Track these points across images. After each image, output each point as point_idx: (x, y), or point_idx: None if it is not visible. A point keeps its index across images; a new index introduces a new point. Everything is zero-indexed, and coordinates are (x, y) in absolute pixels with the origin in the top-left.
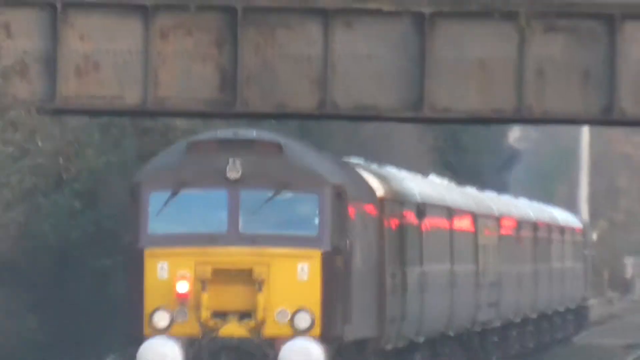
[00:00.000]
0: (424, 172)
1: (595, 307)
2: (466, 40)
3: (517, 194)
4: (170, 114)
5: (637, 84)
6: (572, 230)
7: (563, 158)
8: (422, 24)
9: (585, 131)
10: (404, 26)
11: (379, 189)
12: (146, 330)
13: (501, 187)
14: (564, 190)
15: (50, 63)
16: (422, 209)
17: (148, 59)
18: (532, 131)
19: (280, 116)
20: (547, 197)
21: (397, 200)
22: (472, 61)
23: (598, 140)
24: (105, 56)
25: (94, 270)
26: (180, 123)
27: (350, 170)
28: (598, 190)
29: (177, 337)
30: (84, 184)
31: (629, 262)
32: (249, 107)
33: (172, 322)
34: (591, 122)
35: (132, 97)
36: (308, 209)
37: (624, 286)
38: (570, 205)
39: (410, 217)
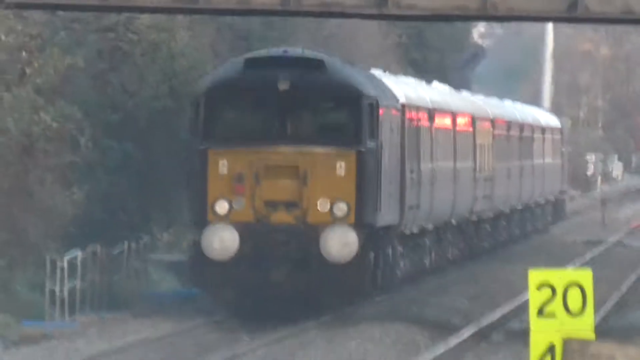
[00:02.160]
0: (389, 69)
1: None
2: None
3: (480, 90)
4: (134, 9)
5: None
6: (552, 129)
7: (526, 55)
8: None
9: (549, 28)
10: None
11: (401, 97)
12: (210, 216)
13: (465, 84)
14: (527, 87)
15: None
16: (432, 114)
17: None
18: (497, 28)
19: (243, 12)
20: (511, 93)
21: (414, 106)
22: None
23: (561, 37)
24: None
25: (57, 165)
26: (144, 19)
27: (378, 81)
28: (560, 87)
29: (235, 223)
30: (47, 79)
31: (590, 159)
32: (212, 3)
33: (230, 210)
34: (556, 19)
35: None
36: (346, 116)
37: (585, 183)
38: (533, 102)
39: (424, 120)
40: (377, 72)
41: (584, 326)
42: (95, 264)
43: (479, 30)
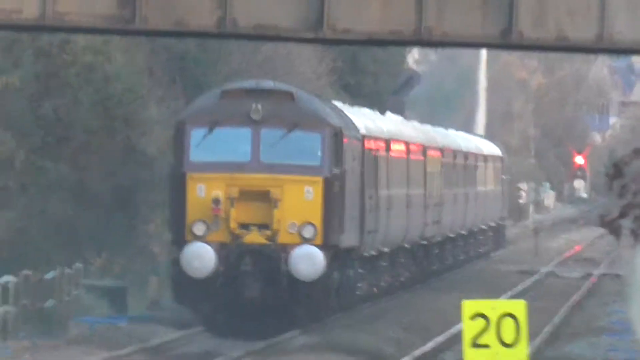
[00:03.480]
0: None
1: None
2: None
3: (413, 116)
4: (69, 30)
5: (536, 7)
6: (493, 157)
7: (460, 82)
8: None
9: (483, 55)
10: None
11: (361, 127)
12: (187, 236)
13: (398, 109)
14: (461, 113)
15: None
16: (388, 143)
17: None
18: (431, 54)
19: (179, 34)
20: (444, 119)
21: (372, 136)
22: None
23: (495, 64)
24: None
25: None
26: (79, 40)
27: (340, 112)
28: (493, 114)
29: (211, 243)
30: None
31: (523, 188)
32: (148, 24)
33: (207, 231)
34: (489, 45)
35: (30, 11)
36: (313, 145)
37: (518, 211)
38: (466, 128)
39: (381, 149)
40: (338, 104)
41: (518, 357)
42: (27, 289)
43: (413, 56)
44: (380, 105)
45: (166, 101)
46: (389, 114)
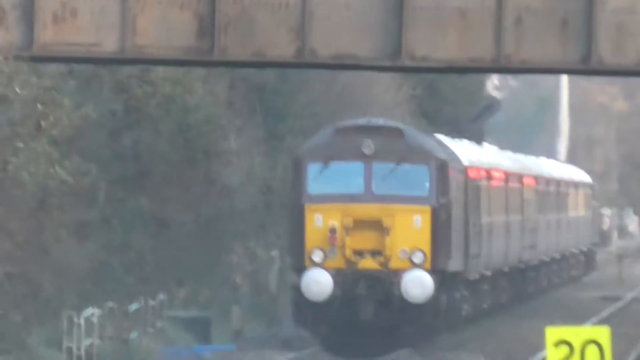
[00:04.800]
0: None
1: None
2: None
3: (494, 143)
4: (148, 62)
5: (615, 32)
6: (584, 184)
7: (541, 108)
8: None
9: (564, 81)
10: None
11: (464, 159)
12: (307, 263)
13: (479, 136)
14: (541, 139)
15: (28, 10)
16: (489, 173)
17: (125, 6)
18: (511, 80)
19: (258, 64)
20: (525, 145)
21: (474, 166)
22: (451, 9)
23: (576, 90)
24: (83, 3)
25: (73, 221)
26: (158, 71)
27: (445, 145)
28: (575, 139)
29: (328, 269)
30: (63, 131)
31: (606, 214)
32: (227, 55)
33: (325, 257)
34: (569, 71)
35: (109, 44)
36: (421, 176)
37: (601, 237)
38: (547, 154)
39: (483, 179)
40: (441, 137)
41: None
42: (112, 321)
43: (493, 82)
44: (459, 132)
45: (246, 131)
46: (485, 144)
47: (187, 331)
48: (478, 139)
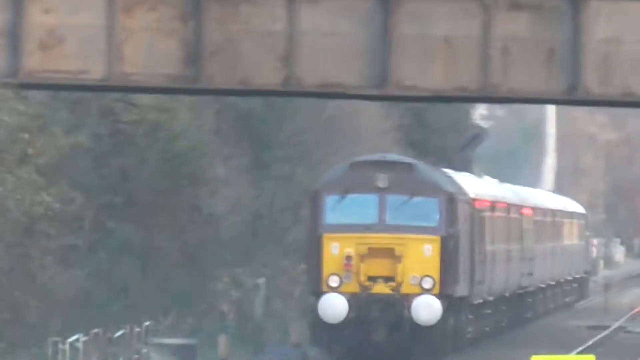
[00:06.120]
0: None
1: None
2: (431, 17)
3: (481, 172)
4: (135, 90)
5: (601, 63)
6: (577, 215)
7: (527, 137)
8: (387, 0)
9: (551, 110)
10: (368, 3)
11: (470, 192)
12: (323, 287)
13: (465, 165)
14: (528, 168)
15: (14, 37)
16: (493, 205)
17: (112, 33)
18: (498, 109)
19: (244, 92)
20: (511, 175)
21: (479, 199)
22: (437, 39)
23: (563, 119)
24: (70, 30)
25: (59, 248)
26: (145, 98)
27: (452, 179)
28: (562, 169)
29: (344, 293)
30: (49, 159)
31: (593, 243)
32: (213, 83)
33: (341, 283)
34: (555, 101)
35: (96, 72)
36: (431, 208)
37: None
38: (533, 184)
39: (486, 210)
40: (449, 171)
41: None
42: (97, 347)
43: (479, 111)
44: (446, 161)
45: (233, 159)
46: (486, 177)
47: (173, 358)
48: (466, 168)
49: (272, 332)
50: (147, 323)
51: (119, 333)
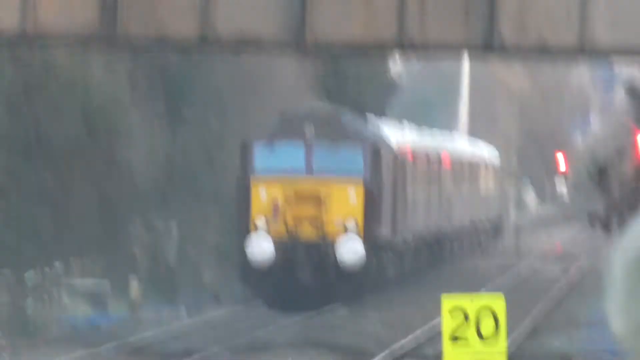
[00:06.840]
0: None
1: None
2: None
3: (397, 120)
4: (49, 44)
5: (516, 12)
6: (492, 159)
7: (443, 86)
8: None
9: (466, 62)
10: None
11: (393, 139)
12: (252, 228)
13: (381, 114)
14: (443, 115)
15: None
16: (414, 152)
17: None
18: (414, 63)
19: (160, 46)
20: (427, 122)
21: (401, 147)
22: None
23: (478, 68)
24: None
25: None
26: (60, 54)
27: (377, 127)
28: (476, 116)
29: (270, 235)
30: None
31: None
32: (130, 39)
33: (267, 224)
34: (471, 49)
35: (9, 22)
36: (356, 156)
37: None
38: (449, 130)
39: (408, 157)
40: (373, 120)
41: (497, 351)
42: (6, 288)
43: (396, 62)
44: (362, 110)
45: (147, 109)
46: (405, 123)
47: (83, 300)
48: (382, 116)
49: (185, 276)
50: (58, 265)
51: (30, 274)
